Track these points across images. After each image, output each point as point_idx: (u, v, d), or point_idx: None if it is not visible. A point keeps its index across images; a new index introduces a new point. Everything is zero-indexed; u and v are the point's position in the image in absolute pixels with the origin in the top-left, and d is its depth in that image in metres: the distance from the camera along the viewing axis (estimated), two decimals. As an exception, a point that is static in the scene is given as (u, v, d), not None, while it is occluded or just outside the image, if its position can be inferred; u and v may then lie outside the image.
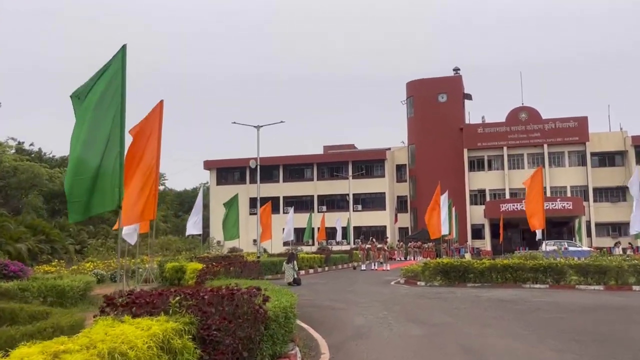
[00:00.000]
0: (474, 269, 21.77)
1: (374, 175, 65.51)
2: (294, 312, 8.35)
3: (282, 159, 66.91)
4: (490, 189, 62.27)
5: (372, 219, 63.70)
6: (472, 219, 61.65)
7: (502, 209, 54.76)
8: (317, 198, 65.79)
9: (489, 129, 62.58)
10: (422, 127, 64.58)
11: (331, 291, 19.30)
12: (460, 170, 62.07)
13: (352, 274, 30.74)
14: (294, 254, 22.85)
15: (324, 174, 67.07)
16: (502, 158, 62.27)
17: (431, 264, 22.39)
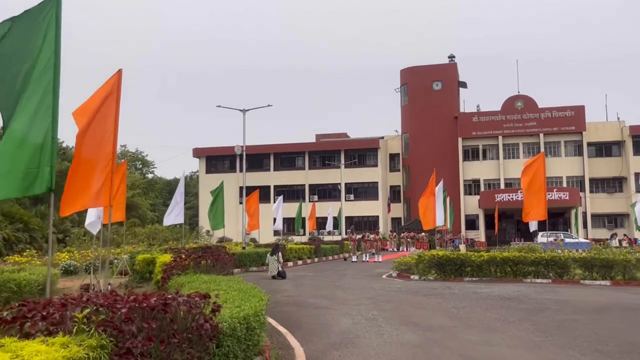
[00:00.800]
0: (471, 262, 20.25)
1: (366, 165, 63.97)
2: (262, 320, 6.74)
3: (273, 147, 65.21)
4: (485, 179, 60.92)
5: (364, 208, 62.20)
6: (466, 210, 60.35)
7: (497, 199, 53.45)
8: (308, 187, 64.19)
9: (484, 117, 61.14)
10: (416, 116, 63.03)
11: (317, 286, 17.73)
12: (455, 160, 60.65)
13: (342, 266, 29.20)
14: (278, 245, 21.26)
15: (316, 162, 65.43)
16: (497, 147, 60.90)
17: (425, 257, 20.85)
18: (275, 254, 20.29)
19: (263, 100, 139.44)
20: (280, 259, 20.26)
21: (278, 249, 20.66)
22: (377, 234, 35.08)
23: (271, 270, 20.08)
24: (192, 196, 73.36)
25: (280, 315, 11.60)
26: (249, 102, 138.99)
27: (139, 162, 77.47)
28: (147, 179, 75.37)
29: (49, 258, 8.10)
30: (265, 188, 63.29)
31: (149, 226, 55.19)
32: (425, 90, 62.89)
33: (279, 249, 20.63)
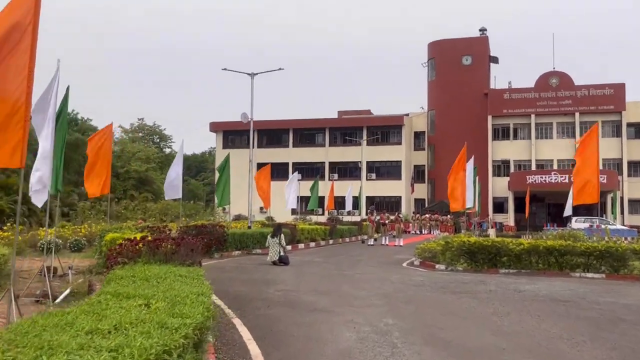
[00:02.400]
0: (508, 250, 16.94)
1: (390, 142, 60.57)
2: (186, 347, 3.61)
3: (292, 122, 62.08)
4: (515, 160, 57.26)
5: (386, 188, 58.94)
6: (494, 192, 56.86)
7: (528, 181, 49.67)
8: (328, 165, 61.04)
9: (516, 94, 57.26)
10: (443, 92, 59.40)
11: (323, 276, 14.61)
12: (484, 139, 56.93)
13: (358, 250, 26.10)
14: (280, 226, 18.18)
15: (337, 139, 62.18)
16: (529, 127, 57.09)
17: (454, 243, 17.58)
18: (276, 236, 17.23)
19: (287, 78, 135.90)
20: (282, 242, 17.19)
21: (280, 230, 17.60)
22: (399, 215, 31.75)
23: (271, 255, 17.03)
24: (210, 172, 70.80)
25: (260, 322, 8.49)
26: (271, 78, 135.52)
27: (157, 136, 74.92)
28: (164, 154, 72.84)
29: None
30: (283, 165, 60.64)
31: (162, 202, 52.82)
32: (454, 65, 59.14)
33: (280, 231, 17.56)
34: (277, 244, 17.03)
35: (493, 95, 57.74)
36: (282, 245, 17.14)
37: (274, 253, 16.96)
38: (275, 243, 17.06)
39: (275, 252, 16.94)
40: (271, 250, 17.09)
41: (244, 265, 16.75)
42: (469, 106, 57.93)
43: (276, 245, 17.00)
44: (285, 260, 16.97)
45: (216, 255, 19.16)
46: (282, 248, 17.09)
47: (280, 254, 16.93)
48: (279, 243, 17.05)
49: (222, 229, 19.78)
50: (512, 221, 52.63)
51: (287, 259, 17.06)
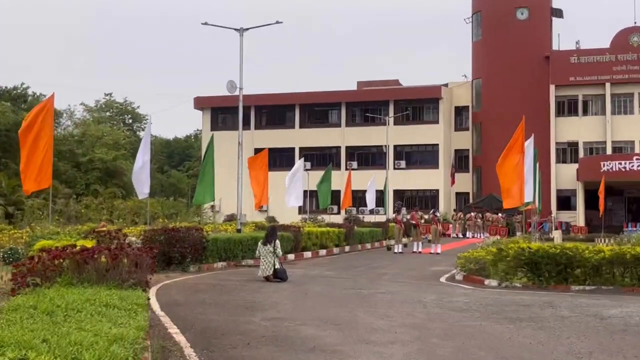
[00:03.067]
0: (584, 260, 15.70)
1: (423, 121, 59.39)
2: None
3: (299, 96, 60.92)
4: (585, 142, 55.89)
5: (419, 180, 57.72)
6: (559, 183, 55.50)
7: (602, 168, 48.19)
8: (345, 150, 59.87)
9: (586, 57, 55.69)
10: (492, 55, 57.99)
11: (332, 297, 13.44)
12: (544, 115, 55.39)
13: (383, 259, 24.95)
14: (274, 230, 16.98)
15: (356, 118, 61.04)
16: (603, 99, 55.57)
17: (510, 251, 16.34)
18: (269, 242, 16.07)
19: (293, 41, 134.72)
20: (278, 250, 16.03)
21: (274, 235, 16.45)
22: (435, 213, 30.50)
23: (263, 269, 15.88)
24: (196, 160, 69.89)
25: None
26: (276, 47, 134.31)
27: (129, 116, 74.18)
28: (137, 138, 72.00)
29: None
30: (287, 151, 59.68)
31: (134, 198, 52.05)
32: (506, 20, 57.57)
33: (275, 236, 16.40)
34: (270, 253, 15.88)
35: (556, 58, 56.18)
36: (278, 254, 15.98)
37: (266, 265, 15.81)
38: (268, 252, 15.90)
39: (268, 264, 15.79)
40: (263, 261, 15.95)
41: (226, 281, 15.63)
42: (525, 73, 56.45)
43: (269, 255, 15.85)
44: (282, 275, 15.82)
45: (192, 268, 18.08)
46: (277, 259, 15.94)
47: (275, 267, 15.77)
48: (274, 252, 15.90)
49: (199, 233, 18.67)
50: (581, 220, 51.22)
51: (284, 274, 15.91)
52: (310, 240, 26.46)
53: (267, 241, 16.16)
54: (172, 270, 17.65)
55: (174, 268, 17.74)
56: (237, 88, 24.37)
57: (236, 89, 24.38)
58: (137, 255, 8.19)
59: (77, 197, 49.97)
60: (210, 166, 26.33)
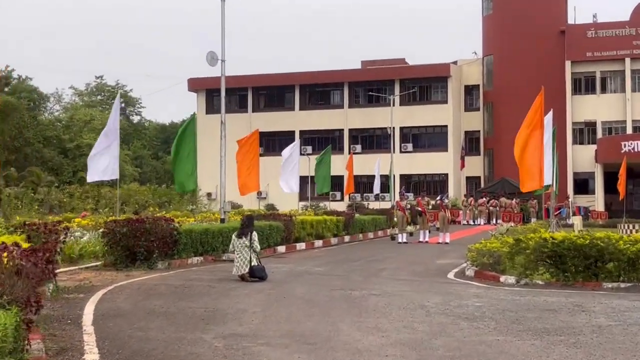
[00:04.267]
0: (618, 252, 13.53)
1: (431, 101, 57.33)
2: None
3: (300, 76, 58.77)
4: (603, 121, 53.87)
5: (427, 163, 55.67)
6: (576, 165, 53.65)
7: (623, 149, 46.06)
8: (348, 133, 57.78)
9: (605, 31, 53.70)
10: (504, 30, 55.80)
11: (314, 302, 11.30)
12: (560, 93, 53.18)
13: (384, 250, 22.85)
14: (251, 220, 14.71)
15: (360, 99, 58.91)
16: (622, 75, 53.60)
17: (530, 243, 14.17)
18: (245, 235, 13.91)
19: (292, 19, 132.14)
20: (255, 244, 13.87)
21: (250, 225, 14.25)
22: (442, 199, 28.24)
23: (238, 266, 13.73)
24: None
25: None
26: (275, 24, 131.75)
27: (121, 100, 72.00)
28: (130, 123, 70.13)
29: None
30: (287, 134, 57.64)
31: (125, 186, 50.16)
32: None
33: (251, 227, 14.20)
34: (246, 247, 13.73)
35: (572, 32, 54.13)
36: (255, 249, 13.82)
37: (241, 262, 13.65)
38: (243, 246, 13.75)
39: (243, 260, 13.64)
40: (237, 257, 13.80)
41: (194, 282, 13.50)
42: (539, 49, 54.29)
43: (245, 250, 13.70)
44: (260, 274, 13.67)
45: (160, 265, 15.96)
46: (254, 254, 13.78)
47: (251, 264, 13.62)
48: (249, 246, 13.75)
49: (169, 224, 16.52)
50: (600, 205, 49.07)
51: (262, 272, 13.76)
52: (305, 230, 24.37)
53: (242, 233, 14.00)
54: (137, 267, 15.56)
55: (140, 265, 15.65)
56: (218, 60, 22.11)
57: (217, 61, 22.14)
58: (20, 262, 6.02)
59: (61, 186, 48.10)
60: (191, 149, 24.26)
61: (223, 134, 23.47)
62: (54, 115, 59.28)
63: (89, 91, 69.65)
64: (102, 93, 70.21)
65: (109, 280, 13.63)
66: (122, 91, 72.08)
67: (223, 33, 22.28)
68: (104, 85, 70.62)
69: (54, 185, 42.61)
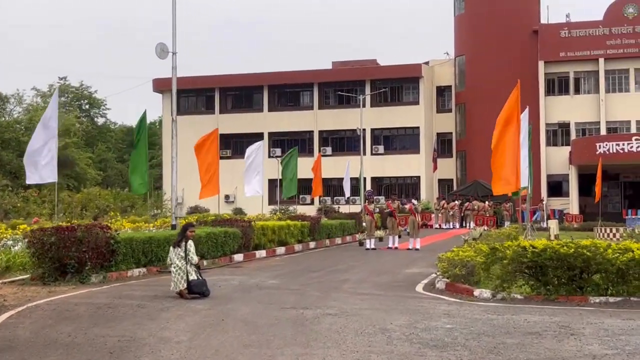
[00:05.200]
0: (606, 262, 11.96)
1: (403, 102, 55.82)
2: None
3: (268, 76, 56.90)
4: (577, 122, 52.64)
5: (399, 166, 54.16)
6: (549, 167, 52.44)
7: (598, 150, 44.94)
8: (318, 135, 56.11)
9: (578, 31, 52.56)
10: (476, 30, 54.47)
11: (255, 327, 9.51)
12: (533, 94, 51.80)
13: (350, 258, 21.16)
14: (186, 228, 12.79)
15: (330, 100, 57.27)
16: (596, 75, 52.46)
17: (507, 252, 12.53)
18: (180, 245, 12.12)
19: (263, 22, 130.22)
20: (190, 255, 12.06)
21: (184, 235, 12.41)
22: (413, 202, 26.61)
23: (176, 281, 11.93)
24: (160, 149, 65.81)
25: None
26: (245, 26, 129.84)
27: (85, 101, 69.77)
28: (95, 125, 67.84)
29: None
30: (256, 136, 55.72)
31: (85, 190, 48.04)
32: (491, -10, 54.14)
33: (185, 236, 12.37)
34: (182, 259, 11.93)
35: (546, 32, 52.98)
36: (191, 261, 12.01)
37: (178, 277, 11.86)
38: (179, 258, 11.96)
39: (180, 274, 11.85)
40: (174, 271, 12.00)
41: (122, 300, 11.67)
42: (512, 49, 53.05)
43: (182, 261, 11.90)
44: (200, 289, 11.88)
45: (94, 278, 14.10)
46: (192, 267, 11.99)
47: (189, 278, 11.83)
48: (185, 257, 11.95)
49: (105, 232, 14.65)
50: (575, 208, 47.92)
51: (202, 286, 11.97)
52: (266, 236, 22.59)
53: (177, 242, 12.21)
54: (67, 281, 13.70)
55: (70, 279, 13.78)
56: (168, 52, 20.24)
57: (167, 54, 20.26)
58: None
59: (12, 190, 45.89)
60: (143, 149, 22.46)
61: (174, 133, 21.58)
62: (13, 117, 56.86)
63: (52, 93, 67.22)
64: (65, 94, 67.83)
65: (26, 298, 11.78)
66: (86, 92, 70.02)
67: (174, 21, 20.41)
68: (68, 86, 68.22)
69: (8, 190, 40.42)
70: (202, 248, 18.17)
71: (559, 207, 48.57)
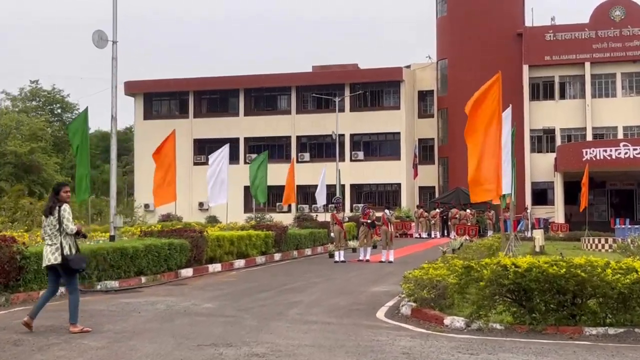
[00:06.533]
0: (605, 285, 9.70)
1: (383, 107, 54.01)
2: None
3: (244, 79, 54.69)
4: (563, 128, 51.00)
5: (379, 172, 52.16)
6: (534, 174, 50.74)
7: (585, 157, 43.08)
8: (296, 140, 53.88)
9: (563, 34, 51.04)
10: (458, 32, 52.69)
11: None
12: (517, 99, 49.82)
13: (311, 274, 18.82)
14: (60, 187, 9.87)
15: (308, 104, 55.19)
16: (582, 80, 50.91)
17: (485, 272, 10.23)
18: (52, 212, 9.42)
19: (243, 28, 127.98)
20: (65, 222, 9.21)
21: (57, 197, 9.54)
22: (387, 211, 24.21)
23: (46, 256, 9.37)
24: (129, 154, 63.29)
25: None
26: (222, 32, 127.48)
27: (58, 105, 67.07)
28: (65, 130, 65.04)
29: None
30: (232, 142, 53.45)
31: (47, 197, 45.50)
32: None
33: (57, 199, 9.49)
34: (54, 229, 9.39)
35: (530, 35, 51.33)
36: (66, 230, 9.27)
37: (49, 249, 9.30)
38: (52, 227, 9.38)
39: (51, 247, 9.37)
40: (47, 244, 9.47)
41: (3, 333, 9.29)
42: (495, 52, 50.94)
43: (55, 233, 9.41)
44: (78, 265, 9.32)
45: None
46: (69, 238, 9.38)
47: (63, 252, 9.27)
48: (59, 227, 9.38)
49: (10, 247, 12.21)
50: (560, 216, 45.92)
51: (81, 262, 9.46)
52: (222, 248, 20.19)
53: (49, 209, 9.61)
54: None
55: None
56: (107, 41, 17.90)
57: (107, 42, 17.92)
58: None
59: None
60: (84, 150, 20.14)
61: (113, 132, 19.26)
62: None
63: (23, 96, 64.62)
64: (37, 98, 65.23)
65: None
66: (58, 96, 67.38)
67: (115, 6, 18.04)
68: (39, 90, 65.56)
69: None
70: (141, 263, 15.85)
71: (544, 216, 46.71)
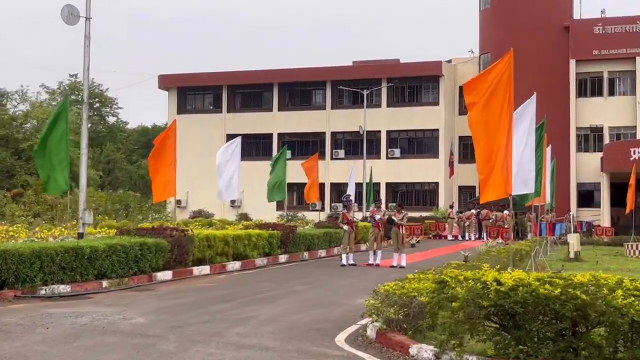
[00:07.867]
0: (611, 312, 7.44)
1: (422, 102, 51.78)
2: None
3: (278, 73, 53.14)
4: (611, 127, 48.36)
5: (416, 171, 50.24)
6: (580, 175, 47.99)
7: (633, 156, 40.35)
8: (329, 136, 52.15)
9: (613, 27, 48.37)
10: (502, 26, 50.30)
11: None
12: (563, 96, 48.11)
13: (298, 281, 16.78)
14: None
15: (343, 99, 53.37)
16: (633, 76, 48.12)
17: (459, 290, 8.05)
18: None
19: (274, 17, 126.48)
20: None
21: None
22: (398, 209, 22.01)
23: None
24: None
25: None
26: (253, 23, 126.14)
27: (97, 99, 66.59)
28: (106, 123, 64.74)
29: None
30: (265, 137, 52.57)
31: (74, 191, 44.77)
32: (519, -16, 50.22)
33: None
34: None
35: (578, 28, 48.82)
36: None
37: None
38: None
39: None
40: None
41: None
42: (540, 47, 49.05)
43: None
44: None
45: None
46: None
47: None
48: None
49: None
50: (606, 220, 43.19)
51: None
52: (213, 249, 18.34)
53: None
54: None
55: None
56: (78, 17, 16.22)
57: (78, 19, 16.23)
58: None
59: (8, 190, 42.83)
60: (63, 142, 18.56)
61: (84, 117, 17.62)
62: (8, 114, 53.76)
63: (62, 90, 64.23)
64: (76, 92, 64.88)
65: None
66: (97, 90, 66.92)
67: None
68: (79, 83, 65.21)
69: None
70: (102, 265, 14.06)
71: (589, 219, 43.93)
